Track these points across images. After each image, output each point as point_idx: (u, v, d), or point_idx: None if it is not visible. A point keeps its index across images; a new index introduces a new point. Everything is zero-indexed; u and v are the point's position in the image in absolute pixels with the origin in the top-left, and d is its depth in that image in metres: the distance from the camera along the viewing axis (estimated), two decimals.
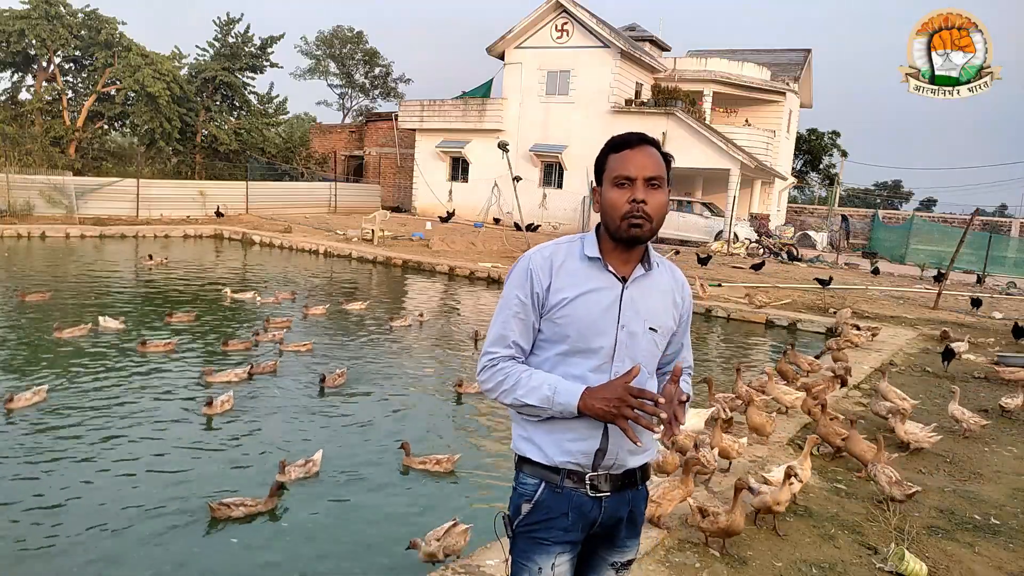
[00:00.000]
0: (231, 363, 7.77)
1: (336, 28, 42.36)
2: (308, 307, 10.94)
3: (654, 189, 1.77)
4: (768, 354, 10.30)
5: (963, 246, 14.07)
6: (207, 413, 6.10)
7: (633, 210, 1.75)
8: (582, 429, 1.78)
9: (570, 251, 1.87)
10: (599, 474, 1.81)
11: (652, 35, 28.26)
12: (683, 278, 1.99)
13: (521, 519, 1.85)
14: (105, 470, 5.01)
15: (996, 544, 3.94)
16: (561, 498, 1.81)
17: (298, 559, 4.04)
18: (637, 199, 1.75)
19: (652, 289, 1.87)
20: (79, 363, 7.53)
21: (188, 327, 9.51)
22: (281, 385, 7.22)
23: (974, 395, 7.43)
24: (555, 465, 1.81)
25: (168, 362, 7.78)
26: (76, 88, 28.40)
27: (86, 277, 13.26)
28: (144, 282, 13.13)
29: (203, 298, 11.80)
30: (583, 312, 1.79)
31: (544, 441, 1.82)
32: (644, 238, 1.79)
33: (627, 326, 1.81)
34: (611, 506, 1.84)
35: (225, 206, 23.74)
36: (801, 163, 40.13)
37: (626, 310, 1.81)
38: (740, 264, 17.87)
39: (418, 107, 27.82)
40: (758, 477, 4.23)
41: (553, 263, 1.85)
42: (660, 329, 1.85)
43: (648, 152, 1.79)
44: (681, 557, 3.54)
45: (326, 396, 6.92)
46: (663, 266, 1.93)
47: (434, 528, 3.95)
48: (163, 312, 10.05)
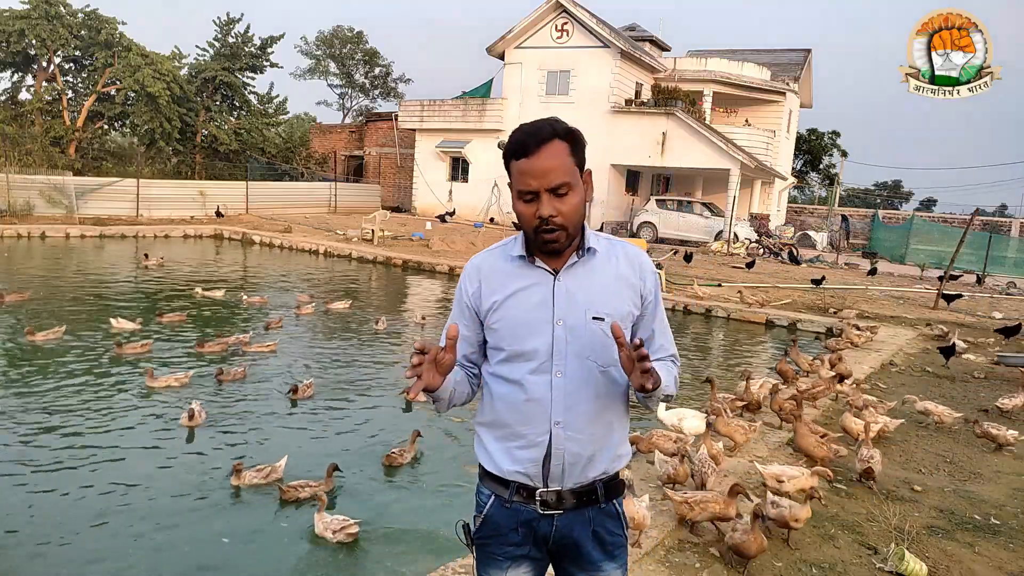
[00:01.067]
0: (182, 366, 7.50)
1: (336, 28, 42.41)
2: (300, 307, 10.86)
3: (562, 196, 1.64)
4: (768, 354, 10.31)
5: (963, 246, 14.07)
6: (187, 425, 5.80)
7: (542, 226, 1.65)
8: (530, 435, 1.71)
9: (502, 253, 1.79)
10: (550, 490, 1.70)
11: (652, 35, 28.27)
12: (642, 258, 1.80)
13: (475, 531, 1.80)
14: (55, 483, 4.79)
15: (996, 544, 3.94)
16: (509, 513, 1.74)
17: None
18: (543, 215, 1.63)
19: (594, 275, 1.73)
20: (46, 367, 7.29)
21: (169, 329, 9.25)
22: (251, 393, 6.88)
23: (974, 395, 7.43)
24: (505, 477, 1.74)
25: (141, 364, 7.45)
26: (76, 88, 28.39)
27: (79, 278, 13.16)
28: (141, 282, 13.11)
29: (200, 299, 11.76)
30: (513, 313, 1.71)
31: (495, 449, 1.76)
32: (562, 248, 1.69)
33: (564, 320, 1.69)
34: (564, 524, 1.73)
35: (225, 206, 23.73)
36: (801, 163, 40.14)
37: (560, 304, 1.69)
38: (738, 264, 17.87)
39: (418, 107, 27.82)
40: (771, 481, 4.17)
41: (481, 269, 1.80)
42: (610, 317, 1.68)
43: (549, 155, 1.63)
44: (681, 557, 3.54)
45: (297, 406, 6.58)
46: (613, 247, 1.78)
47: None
48: (150, 314, 9.80)
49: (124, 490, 4.75)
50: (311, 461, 5.28)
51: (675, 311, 12.76)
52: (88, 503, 4.56)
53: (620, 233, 23.69)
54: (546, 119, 1.70)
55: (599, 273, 1.74)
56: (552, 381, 1.69)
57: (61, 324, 8.61)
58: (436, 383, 1.63)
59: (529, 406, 1.71)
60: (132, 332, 8.80)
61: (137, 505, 4.55)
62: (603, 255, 1.76)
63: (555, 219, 1.64)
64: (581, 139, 1.70)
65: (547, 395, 1.69)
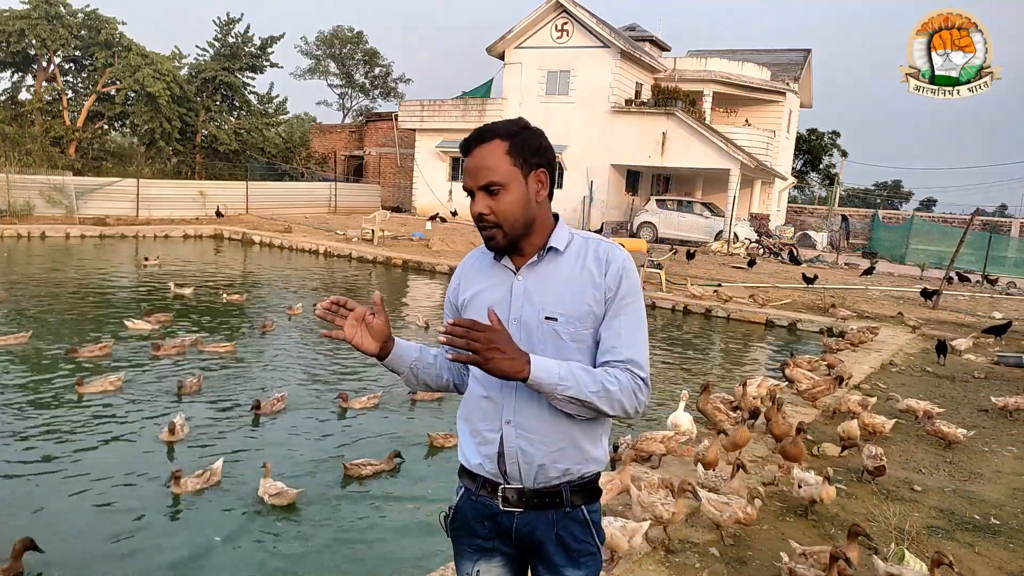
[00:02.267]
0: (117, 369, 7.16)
1: (336, 28, 42.46)
2: (291, 307, 10.80)
3: (495, 195, 1.66)
4: (768, 354, 10.31)
5: (963, 246, 14.07)
6: (166, 440, 5.55)
7: (478, 222, 1.69)
8: (484, 432, 1.73)
9: (484, 251, 1.81)
10: (511, 487, 1.70)
11: (652, 35, 28.26)
12: (613, 255, 1.71)
13: (449, 520, 1.84)
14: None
15: (996, 544, 3.94)
16: (476, 506, 1.76)
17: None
18: (474, 213, 1.68)
19: (556, 274, 1.70)
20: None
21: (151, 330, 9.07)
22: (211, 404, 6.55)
23: (974, 395, 7.43)
24: (472, 470, 1.76)
25: (100, 368, 7.23)
26: (76, 88, 28.39)
27: (72, 278, 13.05)
28: (138, 282, 13.10)
29: (197, 298, 11.76)
30: (476, 311, 1.73)
31: (465, 442, 1.79)
32: (500, 247, 1.71)
33: (520, 319, 1.68)
34: (525, 523, 1.71)
35: (225, 206, 23.73)
36: (801, 163, 40.13)
37: (516, 302, 1.70)
38: (739, 264, 17.87)
39: (418, 107, 27.82)
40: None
41: (464, 266, 1.86)
42: (564, 317, 1.65)
43: (482, 155, 1.67)
44: (681, 557, 3.54)
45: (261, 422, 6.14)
46: (582, 245, 1.73)
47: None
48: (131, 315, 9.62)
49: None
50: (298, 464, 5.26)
51: (675, 311, 12.77)
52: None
53: (620, 233, 23.71)
54: (504, 120, 1.73)
55: (562, 272, 1.70)
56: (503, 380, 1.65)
57: (28, 330, 8.32)
58: (368, 346, 1.73)
59: (484, 403, 1.73)
60: (149, 331, 8.82)
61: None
62: (572, 253, 1.72)
63: (487, 217, 1.67)
64: (530, 140, 1.69)
65: (499, 393, 1.70)
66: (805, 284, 14.52)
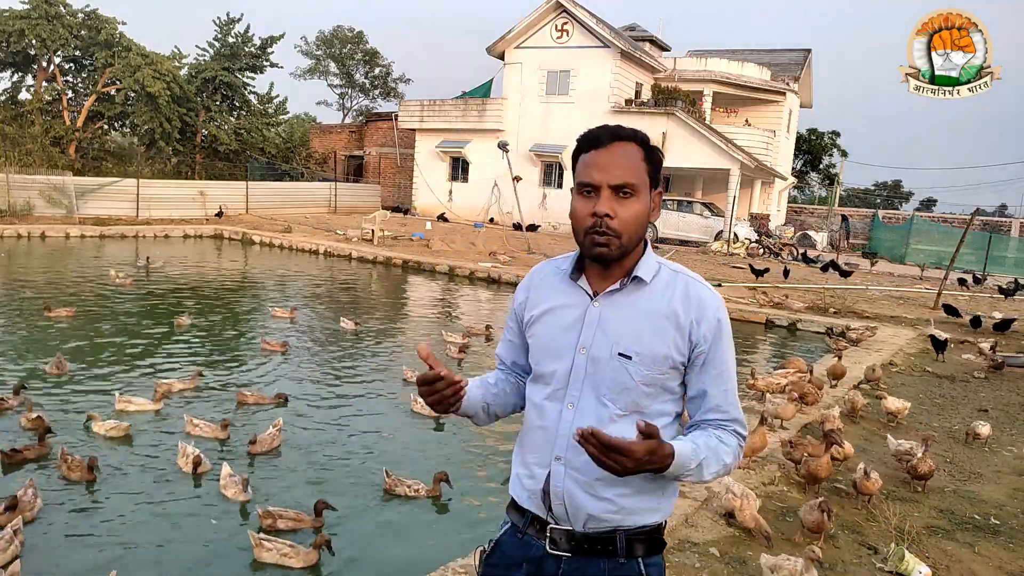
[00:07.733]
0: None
1: (336, 28, 42.42)
2: (293, 308, 10.59)
3: (624, 199, 1.48)
4: (766, 353, 10.31)
5: (963, 246, 14.08)
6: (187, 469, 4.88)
7: (595, 225, 1.48)
8: (532, 464, 1.58)
9: (559, 264, 1.66)
10: (560, 527, 1.53)
11: (652, 35, 28.26)
12: (704, 295, 1.54)
13: (485, 556, 1.67)
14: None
15: (996, 544, 3.94)
16: (519, 544, 1.59)
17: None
18: (598, 213, 1.48)
19: (635, 308, 1.53)
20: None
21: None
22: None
23: (974, 395, 7.43)
24: (521, 504, 1.60)
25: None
26: (76, 88, 28.40)
27: (67, 279, 13.04)
28: (136, 283, 13.10)
29: (196, 300, 11.77)
30: (544, 331, 1.60)
31: (517, 472, 1.64)
32: (611, 257, 1.51)
33: (589, 349, 1.52)
34: (570, 571, 1.53)
35: (225, 206, 23.74)
36: (801, 163, 40.12)
37: (588, 330, 1.53)
38: (739, 264, 17.87)
39: (418, 107, 27.82)
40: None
41: (533, 279, 1.69)
42: (639, 357, 1.50)
43: (620, 152, 1.49)
44: (681, 557, 3.54)
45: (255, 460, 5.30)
46: (671, 280, 1.56)
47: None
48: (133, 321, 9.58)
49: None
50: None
51: None
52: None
53: None
54: (631, 127, 1.57)
55: (644, 305, 1.53)
56: (562, 411, 1.54)
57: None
58: (450, 408, 1.57)
59: (538, 433, 1.58)
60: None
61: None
62: (658, 287, 1.55)
63: (611, 221, 1.48)
64: (658, 156, 1.55)
65: (555, 425, 1.55)
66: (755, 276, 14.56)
